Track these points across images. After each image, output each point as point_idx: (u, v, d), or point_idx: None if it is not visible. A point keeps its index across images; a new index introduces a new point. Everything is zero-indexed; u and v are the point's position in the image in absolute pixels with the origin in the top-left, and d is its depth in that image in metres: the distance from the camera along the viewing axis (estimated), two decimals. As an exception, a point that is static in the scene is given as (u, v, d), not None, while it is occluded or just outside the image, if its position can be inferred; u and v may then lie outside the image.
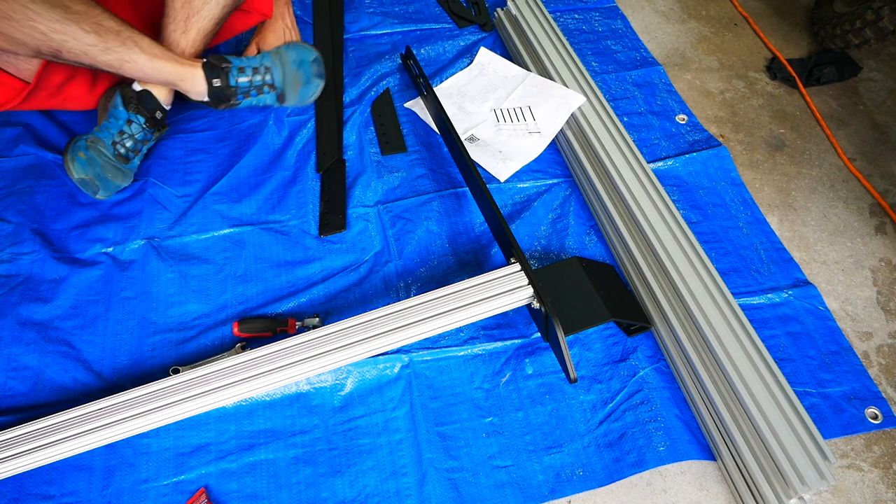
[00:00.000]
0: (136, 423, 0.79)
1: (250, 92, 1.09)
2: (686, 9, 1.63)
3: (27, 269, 1.02)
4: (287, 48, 1.11)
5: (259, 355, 0.84)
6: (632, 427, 0.92)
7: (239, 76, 1.07)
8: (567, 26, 1.52)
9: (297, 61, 1.10)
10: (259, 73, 1.09)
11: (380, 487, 0.85)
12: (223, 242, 1.09)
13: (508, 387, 0.95)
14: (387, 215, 1.13)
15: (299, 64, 1.09)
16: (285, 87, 1.12)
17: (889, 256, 1.15)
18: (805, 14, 1.63)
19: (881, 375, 1.00)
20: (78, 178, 1.03)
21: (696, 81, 1.44)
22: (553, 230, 1.14)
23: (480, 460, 0.88)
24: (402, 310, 0.87)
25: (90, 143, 1.04)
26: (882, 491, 0.89)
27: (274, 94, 1.12)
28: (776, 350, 0.99)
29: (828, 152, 1.32)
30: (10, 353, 0.94)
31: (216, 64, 1.05)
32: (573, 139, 1.22)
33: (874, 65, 1.51)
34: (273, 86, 1.11)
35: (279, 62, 1.10)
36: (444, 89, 1.35)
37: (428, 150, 1.25)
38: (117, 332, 0.98)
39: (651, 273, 1.02)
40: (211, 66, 1.04)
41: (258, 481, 0.85)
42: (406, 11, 1.52)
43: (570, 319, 0.89)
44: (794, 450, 0.80)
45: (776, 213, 1.20)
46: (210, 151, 1.21)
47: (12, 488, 0.83)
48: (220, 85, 1.05)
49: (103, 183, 1.05)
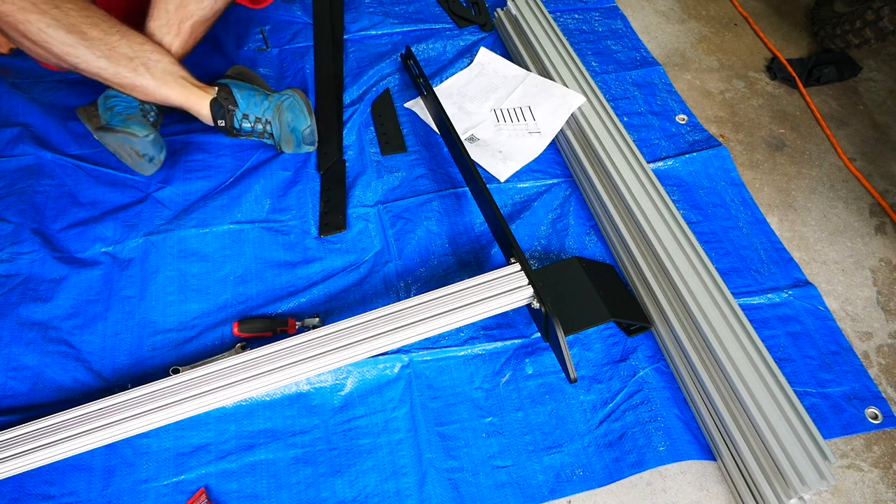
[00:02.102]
0: (136, 423, 0.79)
1: (252, 135, 1.16)
2: (686, 9, 1.63)
3: (27, 268, 1.02)
4: (288, 108, 1.12)
5: (259, 355, 0.84)
6: (632, 427, 0.92)
7: (243, 121, 1.12)
8: (567, 26, 1.52)
9: (290, 126, 1.13)
10: (260, 123, 1.13)
11: (380, 487, 0.85)
12: (223, 241, 1.09)
13: (508, 387, 0.95)
14: (387, 215, 1.13)
15: (292, 130, 1.13)
16: (281, 143, 1.16)
17: (889, 256, 1.15)
18: (805, 14, 1.63)
19: (881, 375, 1.00)
20: (146, 136, 1.02)
21: (696, 81, 1.44)
22: (553, 230, 1.14)
23: (480, 460, 0.88)
24: (402, 310, 0.87)
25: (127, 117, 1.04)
26: (882, 491, 0.89)
27: (272, 142, 1.17)
28: (776, 350, 0.99)
29: (828, 152, 1.32)
30: (10, 353, 0.94)
31: (223, 105, 1.09)
32: (573, 139, 1.22)
33: (874, 65, 1.51)
34: (272, 135, 1.15)
35: (277, 120, 1.13)
36: (444, 89, 1.35)
37: (428, 150, 1.25)
38: (117, 332, 0.98)
39: (651, 273, 1.02)
40: (219, 105, 1.09)
41: (258, 481, 0.85)
42: (406, 11, 1.52)
43: (570, 319, 0.89)
44: (794, 450, 0.80)
45: (776, 213, 1.20)
46: (210, 150, 1.21)
47: (12, 488, 0.83)
48: (224, 126, 1.12)
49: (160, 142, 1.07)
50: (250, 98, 1.12)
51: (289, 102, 1.12)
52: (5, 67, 1.31)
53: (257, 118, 1.12)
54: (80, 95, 1.28)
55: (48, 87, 1.30)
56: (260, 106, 1.12)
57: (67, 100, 1.28)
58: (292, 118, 1.12)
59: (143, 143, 1.03)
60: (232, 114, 1.10)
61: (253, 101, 1.12)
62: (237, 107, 1.10)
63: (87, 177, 1.16)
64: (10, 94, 1.26)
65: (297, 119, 1.12)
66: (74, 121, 1.23)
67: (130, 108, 1.06)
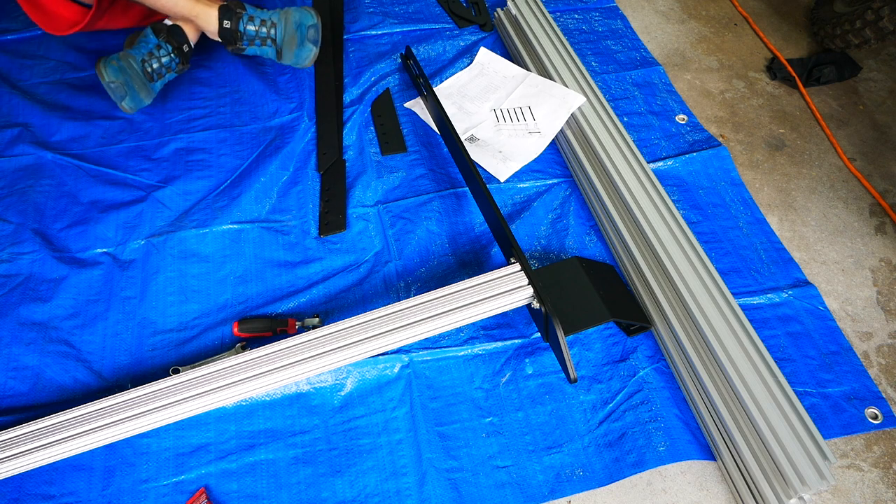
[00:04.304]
0: (136, 423, 0.79)
1: (255, 41, 1.20)
2: (686, 9, 1.63)
3: (27, 268, 1.02)
4: (294, 9, 1.20)
5: (259, 355, 0.84)
6: (632, 427, 0.92)
7: (248, 24, 1.18)
8: (567, 26, 1.52)
9: (296, 22, 1.19)
10: (265, 26, 1.19)
11: (380, 487, 0.85)
12: (223, 241, 1.09)
13: (508, 387, 0.95)
14: (387, 215, 1.13)
15: (297, 26, 1.19)
16: (283, 45, 1.21)
17: (889, 256, 1.15)
18: (805, 14, 1.63)
19: (881, 375, 1.00)
20: (108, 80, 1.13)
21: (696, 81, 1.44)
22: (553, 230, 1.14)
23: (480, 460, 0.88)
24: (402, 310, 0.87)
25: (122, 56, 1.15)
26: (882, 491, 0.89)
27: (274, 49, 1.22)
28: (776, 350, 0.99)
29: (828, 152, 1.32)
30: (10, 353, 0.94)
31: (232, 7, 1.17)
32: (573, 139, 1.22)
33: (874, 65, 1.51)
34: (274, 40, 1.21)
35: (283, 20, 1.20)
36: (444, 89, 1.35)
37: (428, 150, 1.25)
38: (117, 332, 0.98)
39: (651, 273, 1.02)
40: (227, 8, 1.16)
41: (258, 481, 0.86)
42: (406, 11, 1.52)
43: (570, 319, 0.89)
44: (794, 450, 0.80)
45: (776, 213, 1.20)
46: (210, 150, 1.21)
47: (12, 488, 0.83)
48: (229, 27, 1.17)
49: (131, 92, 1.16)
50: (258, 6, 1.20)
51: (297, 7, 1.20)
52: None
53: (262, 20, 1.19)
54: (81, 95, 1.28)
55: (48, 87, 1.30)
56: (267, 12, 1.20)
57: (67, 100, 1.28)
58: (300, 16, 1.19)
59: (108, 86, 1.14)
60: (239, 16, 1.17)
61: (260, 10, 1.20)
62: (245, 10, 1.18)
63: (87, 177, 1.16)
64: (10, 94, 1.26)
65: (305, 16, 1.19)
66: (74, 121, 1.24)
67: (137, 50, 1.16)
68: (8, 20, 1.40)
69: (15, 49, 1.36)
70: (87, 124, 1.23)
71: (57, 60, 1.34)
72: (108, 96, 1.27)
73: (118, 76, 1.13)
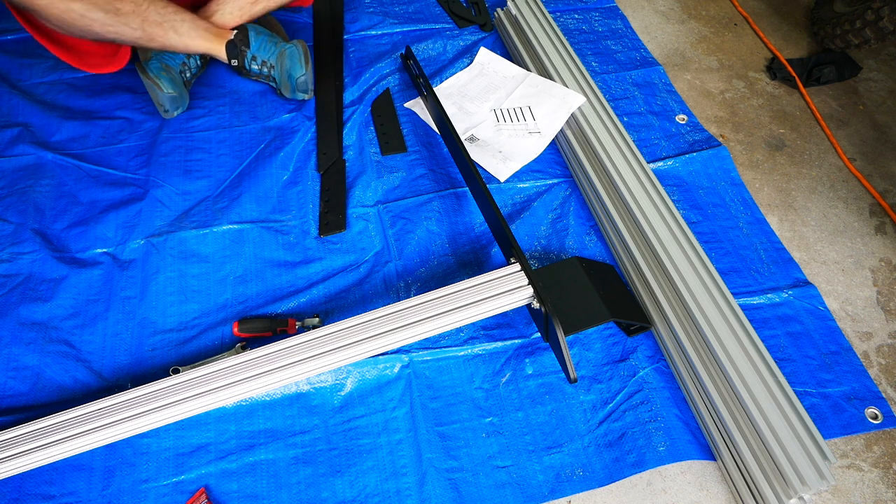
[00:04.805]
0: (136, 423, 0.79)
1: (260, 76, 1.29)
2: (686, 9, 1.63)
3: (27, 268, 1.02)
4: (289, 55, 1.24)
5: (259, 355, 0.84)
6: (632, 427, 0.92)
7: (252, 63, 1.25)
8: (567, 26, 1.52)
9: (288, 73, 1.24)
10: (266, 67, 1.26)
11: (380, 487, 0.85)
12: (223, 241, 1.09)
13: (508, 387, 0.95)
14: (387, 215, 1.13)
15: (289, 76, 1.24)
16: (280, 87, 1.29)
17: (889, 256, 1.15)
18: (805, 14, 1.63)
19: (881, 375, 1.00)
20: (168, 93, 1.20)
21: (696, 81, 1.44)
22: (553, 230, 1.14)
23: (480, 460, 0.88)
24: (402, 310, 0.87)
25: (165, 67, 1.21)
26: (882, 491, 0.89)
27: (275, 85, 1.30)
28: (776, 350, 0.99)
29: (828, 152, 1.32)
30: (10, 353, 0.94)
31: (238, 46, 1.22)
32: (573, 139, 1.22)
33: (874, 65, 1.51)
34: (275, 79, 1.28)
35: (279, 65, 1.25)
36: (444, 89, 1.35)
37: (428, 150, 1.25)
38: (117, 332, 0.98)
39: (651, 273, 1.02)
40: (234, 46, 1.21)
41: (258, 481, 0.85)
42: (406, 11, 1.52)
43: (570, 319, 0.89)
44: (794, 450, 0.80)
45: (776, 213, 1.20)
46: (210, 150, 1.21)
47: (12, 488, 0.83)
48: (236, 65, 1.25)
49: (182, 100, 1.24)
50: (262, 42, 1.25)
51: (290, 51, 1.24)
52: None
53: (264, 61, 1.25)
54: (81, 96, 1.28)
55: (48, 87, 1.30)
56: (268, 51, 1.25)
57: (67, 100, 1.28)
58: (290, 65, 1.23)
59: (164, 96, 1.20)
60: (244, 55, 1.24)
61: (264, 46, 1.25)
62: (249, 48, 1.23)
63: (87, 177, 1.16)
64: (10, 94, 1.26)
65: (294, 67, 1.23)
66: (74, 120, 1.24)
67: (172, 61, 1.23)
68: (8, 20, 1.40)
69: (15, 49, 1.36)
70: (86, 124, 1.23)
71: (56, 60, 1.34)
72: (108, 96, 1.28)
73: (175, 88, 1.20)
